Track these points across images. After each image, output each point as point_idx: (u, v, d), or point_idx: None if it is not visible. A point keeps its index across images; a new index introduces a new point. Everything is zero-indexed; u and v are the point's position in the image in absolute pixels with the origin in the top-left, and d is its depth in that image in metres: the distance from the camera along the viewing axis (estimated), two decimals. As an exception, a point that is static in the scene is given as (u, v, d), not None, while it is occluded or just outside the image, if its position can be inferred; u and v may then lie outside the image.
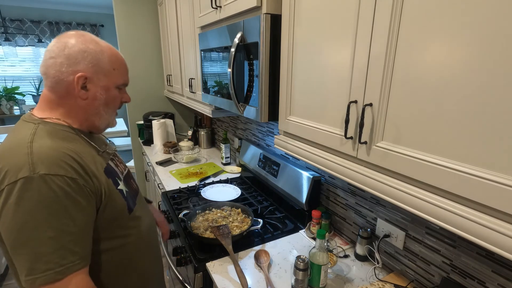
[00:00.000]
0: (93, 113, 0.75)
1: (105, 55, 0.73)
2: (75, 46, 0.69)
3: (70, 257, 0.61)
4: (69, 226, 0.61)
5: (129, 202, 0.80)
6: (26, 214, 0.58)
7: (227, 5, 1.22)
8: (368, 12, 0.66)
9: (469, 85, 0.51)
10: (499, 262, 0.77)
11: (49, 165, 0.60)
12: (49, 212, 0.59)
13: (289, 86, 1.00)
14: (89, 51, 0.70)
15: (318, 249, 0.95)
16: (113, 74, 0.75)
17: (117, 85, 0.77)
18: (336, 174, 0.83)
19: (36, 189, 0.58)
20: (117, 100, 0.79)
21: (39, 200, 0.58)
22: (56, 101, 0.72)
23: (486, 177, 0.49)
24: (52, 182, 0.59)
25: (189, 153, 2.34)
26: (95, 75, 0.72)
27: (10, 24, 4.09)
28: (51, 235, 0.59)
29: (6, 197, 0.58)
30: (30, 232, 0.58)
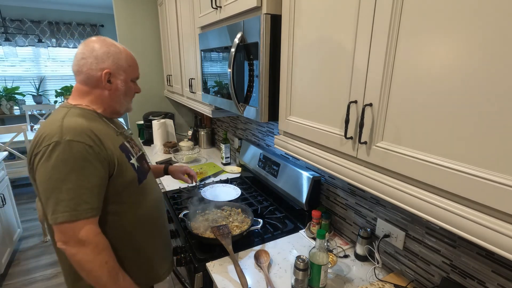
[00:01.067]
0: (115, 101, 0.95)
1: (123, 55, 0.92)
2: (101, 49, 0.88)
3: (83, 205, 0.77)
4: (84, 182, 0.78)
5: (139, 175, 0.96)
6: (53, 169, 0.75)
7: (227, 5, 1.22)
8: (368, 12, 0.66)
9: (469, 85, 0.51)
10: (499, 262, 0.77)
11: (73, 134, 0.78)
12: (70, 169, 0.76)
13: (289, 86, 1.00)
14: (111, 52, 0.90)
15: (318, 249, 0.95)
16: (129, 70, 0.94)
17: (132, 79, 0.97)
18: (336, 174, 0.83)
19: (62, 150, 0.76)
20: (132, 90, 0.99)
21: (64, 158, 0.76)
22: (86, 92, 0.91)
23: (486, 177, 0.49)
24: (74, 146, 0.77)
25: (189, 153, 2.34)
26: (117, 71, 0.91)
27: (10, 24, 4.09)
28: (70, 187, 0.76)
29: (41, 156, 0.77)
30: (54, 183, 0.76)
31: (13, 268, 2.39)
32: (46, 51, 4.36)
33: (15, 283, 2.23)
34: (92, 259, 0.79)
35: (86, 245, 0.78)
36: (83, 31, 4.50)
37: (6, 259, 2.30)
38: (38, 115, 4.26)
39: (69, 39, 4.46)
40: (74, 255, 0.78)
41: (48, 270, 2.37)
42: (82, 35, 4.51)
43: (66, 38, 4.44)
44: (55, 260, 2.49)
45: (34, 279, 2.27)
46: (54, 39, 4.37)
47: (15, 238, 2.53)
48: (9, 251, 2.37)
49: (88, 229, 0.78)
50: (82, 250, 0.77)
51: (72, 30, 4.44)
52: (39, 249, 2.64)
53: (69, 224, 0.76)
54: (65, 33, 4.42)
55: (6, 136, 3.36)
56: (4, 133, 2.98)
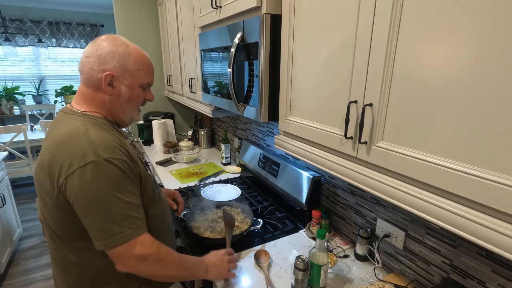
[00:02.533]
0: (118, 108, 0.85)
1: (132, 56, 0.82)
2: (106, 48, 0.79)
3: (137, 222, 0.75)
4: (131, 198, 0.75)
5: (155, 184, 0.92)
6: (98, 191, 0.70)
7: (227, 5, 1.22)
8: (368, 12, 0.66)
9: (469, 85, 0.51)
10: (499, 262, 0.77)
11: (108, 151, 0.73)
12: (115, 188, 0.72)
13: (289, 86, 1.00)
14: (118, 52, 0.80)
15: (318, 249, 0.95)
16: (137, 74, 0.83)
17: (141, 85, 0.86)
18: (336, 174, 0.83)
19: (103, 170, 0.71)
20: (140, 98, 0.88)
21: (107, 178, 0.71)
22: (90, 95, 0.82)
23: (486, 177, 0.49)
24: (114, 164, 0.72)
25: (189, 153, 2.34)
26: (121, 74, 0.81)
27: (10, 24, 4.09)
28: (121, 206, 0.73)
29: (78, 178, 0.70)
30: (103, 205, 0.71)
31: (13, 268, 2.39)
32: (46, 51, 4.36)
33: (15, 283, 2.23)
34: (159, 266, 0.78)
35: (148, 258, 0.76)
36: (83, 31, 4.50)
37: (6, 259, 2.30)
38: (38, 115, 4.26)
39: (69, 39, 4.46)
40: (142, 271, 0.77)
41: (48, 270, 2.37)
42: (82, 35, 4.51)
43: (66, 38, 4.44)
44: (55, 260, 2.49)
45: (34, 279, 2.27)
46: (54, 39, 4.37)
47: (15, 238, 2.53)
48: (9, 251, 2.37)
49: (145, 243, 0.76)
50: (147, 263, 0.76)
51: (72, 30, 4.44)
52: (39, 249, 2.64)
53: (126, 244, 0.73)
54: (65, 33, 4.42)
55: (6, 136, 3.36)
56: (4, 133, 2.98)
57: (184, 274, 0.86)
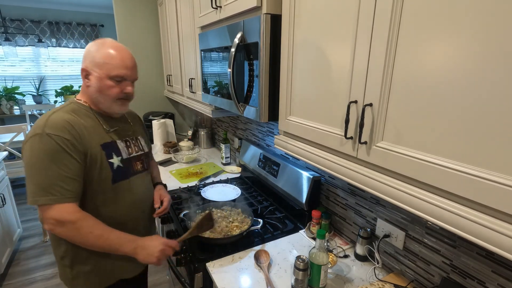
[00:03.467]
0: (94, 98, 0.99)
1: (100, 52, 0.95)
2: (86, 49, 0.97)
3: (62, 191, 0.87)
4: (63, 170, 0.87)
5: (116, 174, 1.00)
6: (35, 158, 0.86)
7: (227, 5, 1.22)
8: (368, 12, 0.66)
9: (468, 86, 0.51)
10: (499, 262, 0.77)
11: (54, 128, 0.88)
12: (50, 158, 0.86)
13: (289, 86, 1.00)
14: (91, 50, 0.96)
15: (318, 249, 0.95)
16: (105, 66, 0.94)
17: (110, 76, 0.95)
18: (336, 174, 0.83)
19: (43, 142, 0.86)
20: (113, 89, 0.97)
21: (44, 149, 0.86)
22: (82, 87, 1.01)
23: (486, 177, 0.49)
24: (53, 139, 0.87)
25: (189, 153, 2.34)
26: (91, 67, 0.95)
27: (10, 24, 4.09)
28: (49, 174, 0.86)
29: (26, 146, 0.88)
30: (36, 170, 0.86)
31: (13, 268, 2.39)
32: (46, 51, 4.36)
33: (15, 283, 2.23)
34: (75, 234, 0.89)
35: (66, 224, 0.87)
36: (83, 31, 4.50)
37: (6, 259, 2.30)
38: (38, 115, 4.26)
39: (69, 39, 4.46)
40: (60, 233, 0.89)
41: (48, 270, 2.37)
42: (82, 35, 4.51)
43: (66, 38, 4.44)
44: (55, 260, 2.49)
45: (34, 279, 2.27)
46: (54, 39, 4.37)
47: (15, 238, 2.53)
48: (9, 251, 2.37)
49: (63, 211, 0.87)
50: (64, 230, 0.88)
51: (72, 30, 4.44)
52: (39, 249, 2.64)
53: (49, 206, 0.86)
54: (65, 33, 4.42)
55: (6, 136, 3.36)
56: (4, 133, 2.98)
57: (104, 247, 0.92)
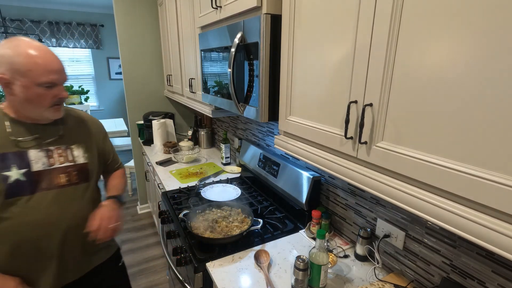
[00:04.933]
0: (20, 107, 0.89)
1: (21, 58, 0.82)
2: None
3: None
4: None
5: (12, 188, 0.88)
6: None
7: (227, 5, 1.22)
8: (368, 12, 0.67)
9: (468, 86, 0.51)
10: (499, 262, 0.77)
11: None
12: None
13: (289, 86, 1.00)
14: (6, 55, 0.82)
15: (318, 249, 0.95)
16: (30, 74, 0.83)
17: (39, 83, 0.85)
18: (336, 174, 0.83)
19: None
20: (45, 97, 0.88)
21: None
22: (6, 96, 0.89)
23: (486, 177, 0.49)
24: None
25: (189, 153, 2.34)
26: (13, 76, 0.83)
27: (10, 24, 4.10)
28: None
29: None
30: None
31: (13, 268, 2.39)
32: (46, 51, 4.36)
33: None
34: None
35: None
36: (83, 31, 4.50)
37: (6, 259, 2.29)
38: (38, 115, 4.26)
39: (69, 39, 4.46)
40: None
41: (48, 270, 2.36)
42: (82, 35, 4.51)
43: (66, 38, 4.45)
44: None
45: (34, 279, 2.27)
46: (54, 39, 4.37)
47: None
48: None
49: None
50: None
51: (72, 30, 4.44)
52: (39, 249, 2.64)
53: None
54: (65, 33, 4.42)
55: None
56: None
57: None
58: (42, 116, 0.92)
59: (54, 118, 0.95)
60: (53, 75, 0.87)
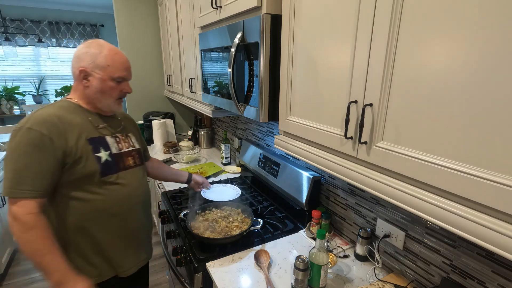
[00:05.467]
0: (93, 98, 1.01)
1: (103, 54, 0.97)
2: (82, 49, 0.98)
3: (23, 186, 0.86)
4: (33, 165, 0.87)
5: (104, 168, 1.00)
6: (10, 150, 0.87)
7: (227, 5, 1.22)
8: (368, 12, 0.67)
9: (469, 86, 0.51)
10: (499, 262, 0.77)
11: (34, 123, 0.88)
12: (21, 152, 0.86)
13: (289, 86, 1.00)
14: (90, 52, 0.97)
15: (318, 249, 0.95)
16: (108, 69, 0.98)
17: (113, 78, 0.99)
18: (336, 174, 0.83)
19: (20, 135, 0.87)
20: (114, 90, 1.02)
21: (18, 142, 0.87)
22: (74, 86, 1.03)
23: (486, 177, 0.49)
24: (30, 133, 0.87)
25: (189, 153, 2.34)
26: (93, 69, 0.97)
27: (10, 24, 4.09)
28: (16, 167, 0.86)
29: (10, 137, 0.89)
30: (8, 162, 0.87)
31: (13, 268, 2.39)
32: (46, 51, 4.35)
33: (15, 283, 2.23)
34: (19, 235, 0.88)
35: (16, 221, 0.87)
36: (83, 31, 4.50)
37: (6, 259, 2.30)
38: (38, 115, 4.26)
39: (69, 39, 4.46)
40: (10, 226, 0.88)
41: (48, 270, 2.36)
42: (82, 35, 4.51)
43: (66, 38, 4.44)
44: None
45: (34, 279, 2.27)
46: (54, 39, 4.37)
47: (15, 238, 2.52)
48: (9, 251, 2.37)
49: (22, 207, 0.86)
50: (14, 224, 0.87)
51: (72, 30, 4.44)
52: (39, 249, 2.64)
53: (9, 198, 0.87)
54: (65, 33, 4.41)
55: (6, 136, 3.36)
56: (4, 133, 2.98)
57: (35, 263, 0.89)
58: (109, 107, 1.05)
59: (117, 110, 1.09)
60: (125, 72, 1.02)
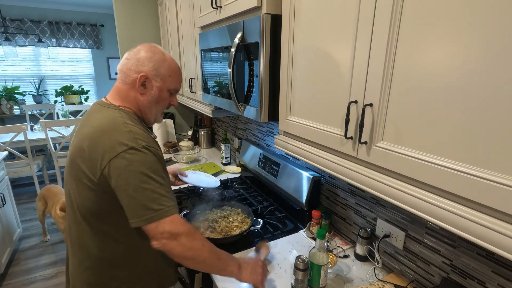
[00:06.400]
0: (147, 106, 0.94)
1: (166, 63, 0.93)
2: (146, 53, 0.90)
3: (169, 202, 0.81)
4: (165, 181, 0.83)
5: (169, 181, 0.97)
6: (137, 172, 0.78)
7: (227, 5, 1.22)
8: (368, 12, 0.67)
9: (469, 86, 0.51)
10: (499, 262, 0.77)
11: (146, 140, 0.83)
12: (152, 171, 0.80)
13: (289, 86, 1.00)
14: (155, 58, 0.91)
15: (318, 249, 0.95)
16: (168, 79, 0.94)
17: (169, 89, 0.96)
18: (336, 174, 0.83)
19: (142, 155, 0.80)
20: (166, 101, 0.97)
21: (145, 162, 0.80)
22: (124, 92, 0.92)
23: (486, 177, 0.49)
24: (150, 151, 0.82)
25: (189, 153, 2.34)
26: (154, 77, 0.91)
27: (10, 24, 4.09)
28: (156, 187, 0.80)
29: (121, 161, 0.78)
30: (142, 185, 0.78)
31: (13, 268, 2.39)
32: (46, 51, 4.35)
33: (15, 283, 2.23)
34: (191, 246, 0.82)
35: (180, 236, 0.80)
36: (83, 31, 4.50)
37: (6, 259, 2.30)
38: (38, 115, 4.26)
39: (69, 39, 4.46)
40: (173, 248, 0.80)
41: (48, 270, 2.37)
42: (82, 35, 4.51)
43: (66, 38, 4.44)
44: (55, 260, 2.49)
45: (34, 279, 2.27)
46: (54, 39, 4.37)
47: (15, 238, 2.53)
48: (9, 251, 2.37)
49: (177, 222, 0.81)
50: (179, 242, 0.80)
51: (72, 30, 4.44)
52: (39, 249, 2.64)
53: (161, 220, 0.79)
54: (65, 33, 4.42)
55: (6, 136, 3.36)
56: (4, 133, 2.98)
57: (215, 263, 0.86)
58: (156, 119, 1.00)
59: (159, 122, 1.04)
60: (180, 84, 1.00)
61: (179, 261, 0.83)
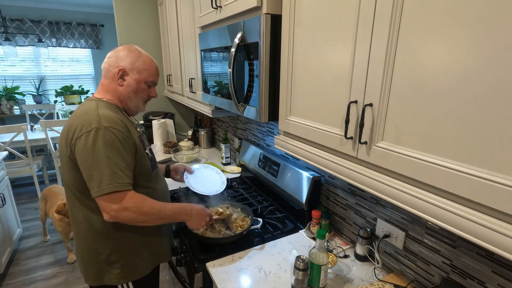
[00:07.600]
0: (126, 97, 1.07)
1: (142, 58, 1.06)
2: (123, 51, 1.05)
3: (123, 180, 0.93)
4: (121, 161, 0.93)
5: (152, 163, 1.12)
6: (97, 150, 0.90)
7: (227, 5, 1.22)
8: (368, 12, 0.66)
9: (469, 86, 0.51)
10: (499, 262, 0.77)
11: (109, 122, 0.93)
12: (110, 149, 0.91)
13: (289, 86, 1.00)
14: (131, 55, 1.04)
15: (318, 249, 0.95)
16: (144, 72, 1.06)
17: (146, 81, 1.07)
18: (336, 174, 0.83)
19: (102, 134, 0.91)
20: (144, 92, 1.10)
21: (104, 141, 0.91)
22: (106, 85, 1.06)
23: (486, 177, 0.49)
24: (111, 132, 0.92)
25: (189, 153, 2.34)
26: (131, 70, 1.04)
27: (10, 24, 4.09)
28: (111, 164, 0.91)
29: (84, 140, 0.90)
30: (98, 161, 0.90)
31: (13, 268, 2.39)
32: (46, 50, 4.35)
33: (15, 282, 2.23)
34: (138, 215, 0.95)
35: (129, 209, 0.92)
36: (83, 31, 4.50)
37: (6, 259, 2.30)
38: (38, 115, 4.26)
39: (69, 39, 4.46)
40: (124, 217, 0.93)
41: (47, 270, 2.37)
42: (82, 35, 4.51)
43: (66, 38, 4.44)
44: (55, 260, 2.49)
45: (34, 279, 2.27)
46: (54, 38, 4.37)
47: (15, 238, 2.53)
48: (9, 250, 2.37)
49: (128, 197, 0.93)
50: (128, 213, 0.93)
51: (72, 30, 4.44)
52: (39, 249, 2.64)
53: (113, 194, 0.90)
54: (65, 33, 4.41)
55: (6, 136, 3.36)
56: (4, 132, 2.98)
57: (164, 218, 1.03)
58: (137, 108, 1.12)
59: (143, 111, 1.16)
60: (156, 77, 1.11)
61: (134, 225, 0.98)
